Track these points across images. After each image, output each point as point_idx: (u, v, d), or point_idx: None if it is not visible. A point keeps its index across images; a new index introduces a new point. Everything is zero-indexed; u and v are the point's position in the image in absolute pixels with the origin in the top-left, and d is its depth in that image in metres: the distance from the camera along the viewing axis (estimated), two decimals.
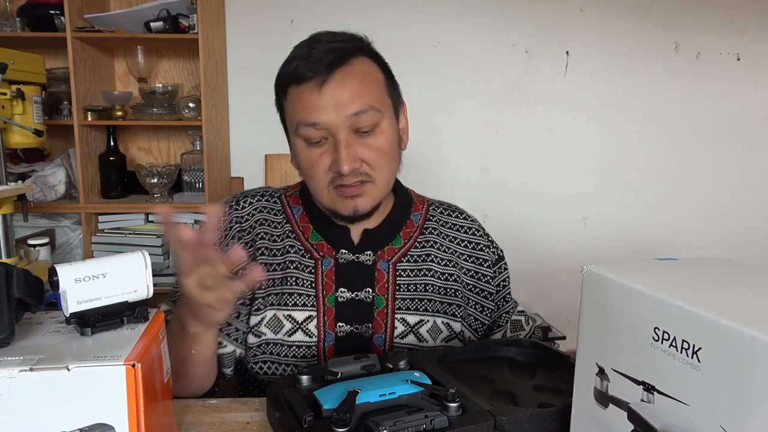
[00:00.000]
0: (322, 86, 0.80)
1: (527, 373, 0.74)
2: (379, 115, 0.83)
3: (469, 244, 0.97)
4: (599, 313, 0.49)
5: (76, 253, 2.04)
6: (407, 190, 0.99)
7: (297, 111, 0.83)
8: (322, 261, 0.89)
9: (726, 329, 0.37)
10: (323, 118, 0.80)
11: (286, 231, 0.91)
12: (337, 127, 0.80)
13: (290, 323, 0.86)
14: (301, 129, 0.83)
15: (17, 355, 0.44)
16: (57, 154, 2.10)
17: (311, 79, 0.80)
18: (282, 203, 0.95)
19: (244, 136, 2.26)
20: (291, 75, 0.83)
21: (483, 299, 0.96)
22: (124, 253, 0.52)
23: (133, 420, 0.44)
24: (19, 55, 1.48)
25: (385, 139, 0.84)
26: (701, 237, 2.41)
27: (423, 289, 0.91)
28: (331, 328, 0.87)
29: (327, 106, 0.80)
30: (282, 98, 0.88)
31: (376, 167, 0.83)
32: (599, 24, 2.26)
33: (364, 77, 0.83)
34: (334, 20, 2.17)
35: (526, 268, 2.31)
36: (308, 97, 0.81)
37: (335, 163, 0.81)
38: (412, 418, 0.56)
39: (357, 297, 0.88)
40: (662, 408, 0.42)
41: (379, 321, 0.88)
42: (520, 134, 2.31)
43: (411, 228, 0.94)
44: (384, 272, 0.90)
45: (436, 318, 0.90)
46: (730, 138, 2.37)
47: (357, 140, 0.82)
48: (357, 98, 0.80)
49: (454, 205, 1.03)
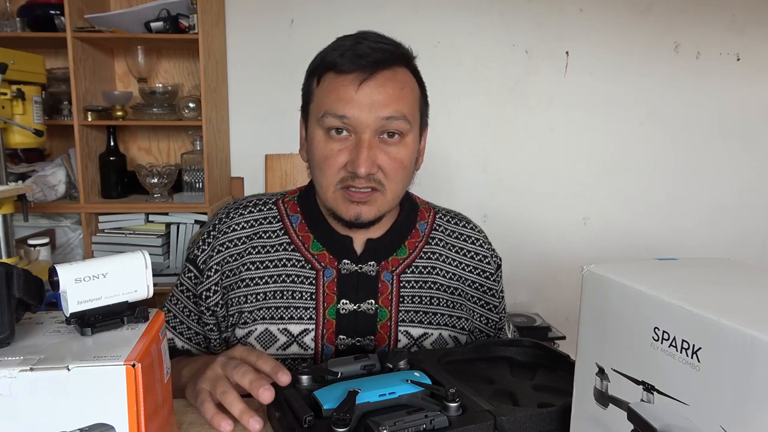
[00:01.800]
0: (362, 83, 0.78)
1: (527, 373, 0.74)
2: (407, 127, 0.81)
3: (475, 255, 0.94)
4: (599, 313, 0.49)
5: (77, 253, 2.04)
6: (413, 197, 0.97)
7: (329, 100, 0.80)
8: (324, 272, 0.86)
9: (726, 329, 0.37)
10: (354, 114, 0.78)
11: (284, 242, 0.88)
12: (365, 127, 0.78)
13: (285, 336, 0.84)
14: (326, 118, 0.79)
15: (17, 355, 0.44)
16: (57, 154, 2.10)
17: (352, 72, 0.78)
18: (279, 211, 0.91)
19: (244, 136, 2.26)
20: (332, 63, 0.80)
21: (488, 312, 0.94)
22: (124, 253, 0.52)
23: (133, 420, 0.44)
24: (19, 55, 1.48)
25: (406, 152, 0.82)
26: (701, 237, 2.41)
27: (428, 301, 0.89)
28: (330, 341, 0.85)
29: (361, 104, 0.77)
30: (313, 83, 0.84)
31: (391, 177, 0.81)
32: (599, 24, 2.26)
33: (404, 85, 0.81)
34: (334, 20, 2.17)
35: (526, 268, 2.32)
36: (344, 89, 0.78)
37: (352, 163, 0.78)
38: (412, 418, 0.56)
39: (359, 309, 0.85)
40: (662, 408, 0.42)
41: (383, 334, 0.86)
42: (520, 134, 2.31)
43: (416, 238, 0.92)
44: (388, 283, 0.87)
45: (441, 330, 0.89)
46: (730, 138, 2.37)
47: (379, 146, 0.80)
48: (393, 103, 0.79)
49: (460, 214, 1.00)
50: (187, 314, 0.90)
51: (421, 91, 0.86)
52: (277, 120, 2.22)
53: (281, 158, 2.23)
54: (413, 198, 0.97)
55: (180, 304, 0.90)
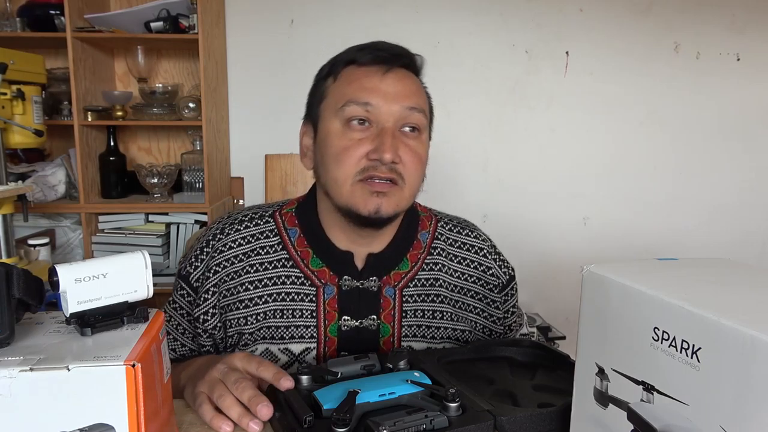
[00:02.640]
0: (386, 73, 0.79)
1: (527, 373, 0.74)
2: (425, 122, 0.82)
3: (479, 266, 0.92)
4: (599, 313, 0.49)
5: (77, 253, 2.04)
6: (414, 204, 0.92)
7: (351, 89, 0.79)
8: (324, 289, 0.84)
9: (726, 329, 0.37)
10: (378, 103, 0.78)
11: (282, 258, 0.85)
12: (389, 116, 0.78)
13: (287, 356, 0.83)
14: (349, 107, 0.78)
15: (17, 355, 0.44)
16: (57, 154, 2.10)
17: (375, 64, 0.80)
18: (277, 224, 0.87)
19: (244, 136, 2.26)
20: (352, 58, 0.81)
21: (492, 323, 0.92)
22: (124, 253, 0.52)
23: (133, 420, 0.44)
24: (19, 55, 1.48)
25: (423, 148, 0.82)
26: (701, 237, 2.41)
27: (431, 315, 0.87)
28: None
29: (386, 92, 0.78)
30: (328, 81, 0.83)
31: (411, 171, 0.80)
32: (599, 24, 2.26)
33: (418, 87, 0.84)
34: (334, 20, 2.17)
35: (526, 268, 2.31)
36: (368, 78, 0.79)
37: (376, 150, 0.77)
38: (412, 418, 0.56)
39: (361, 325, 0.84)
40: (662, 408, 0.42)
41: (385, 350, 0.84)
42: (520, 134, 2.31)
43: (418, 249, 0.89)
44: (390, 299, 0.85)
45: (445, 344, 0.87)
46: (730, 138, 2.37)
47: (400, 137, 0.79)
48: (414, 95, 0.81)
49: (464, 222, 0.96)
50: (182, 332, 0.88)
51: (428, 101, 0.87)
52: (277, 120, 2.22)
53: (281, 158, 2.23)
54: (414, 206, 0.93)
55: (173, 321, 0.88)
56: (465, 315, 0.90)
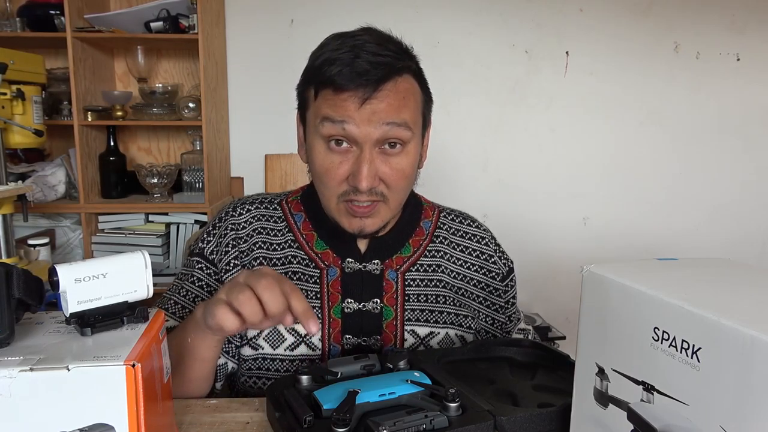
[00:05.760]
0: (364, 102, 0.75)
1: (527, 373, 0.74)
2: (409, 135, 0.78)
3: (481, 254, 0.93)
4: (599, 313, 0.49)
5: (76, 253, 2.04)
6: (417, 196, 0.95)
7: (327, 106, 0.77)
8: (328, 270, 0.86)
9: (726, 329, 0.37)
10: (355, 125, 0.75)
11: (288, 240, 0.88)
12: (366, 137, 0.76)
13: (293, 336, 0.83)
14: (325, 125, 0.77)
15: (17, 355, 0.44)
16: (57, 154, 2.10)
17: (352, 91, 0.75)
18: (283, 210, 0.91)
19: (244, 136, 2.26)
20: (330, 80, 0.76)
21: (494, 312, 0.93)
22: (124, 253, 0.52)
23: (133, 420, 0.44)
24: (19, 55, 1.48)
25: (407, 161, 0.80)
26: (701, 237, 2.41)
27: (434, 299, 0.88)
28: (336, 341, 0.84)
29: (362, 119, 0.75)
30: (310, 91, 0.81)
31: (393, 188, 0.80)
32: (599, 24, 2.26)
33: (405, 95, 0.78)
34: (334, 20, 2.17)
35: (526, 268, 2.32)
36: (345, 104, 0.75)
37: (353, 178, 0.76)
38: (412, 418, 0.56)
39: (365, 308, 0.85)
40: (662, 408, 0.42)
41: (389, 333, 0.85)
42: (520, 134, 2.31)
43: (421, 236, 0.91)
44: (392, 282, 0.86)
45: (448, 329, 0.88)
46: (730, 138, 2.37)
47: (380, 156, 0.78)
48: (394, 113, 0.76)
49: (465, 213, 0.98)
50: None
51: (423, 93, 0.84)
52: (277, 120, 2.22)
53: (281, 158, 2.23)
54: (417, 196, 0.95)
55: (190, 294, 0.87)
56: (467, 302, 0.91)
